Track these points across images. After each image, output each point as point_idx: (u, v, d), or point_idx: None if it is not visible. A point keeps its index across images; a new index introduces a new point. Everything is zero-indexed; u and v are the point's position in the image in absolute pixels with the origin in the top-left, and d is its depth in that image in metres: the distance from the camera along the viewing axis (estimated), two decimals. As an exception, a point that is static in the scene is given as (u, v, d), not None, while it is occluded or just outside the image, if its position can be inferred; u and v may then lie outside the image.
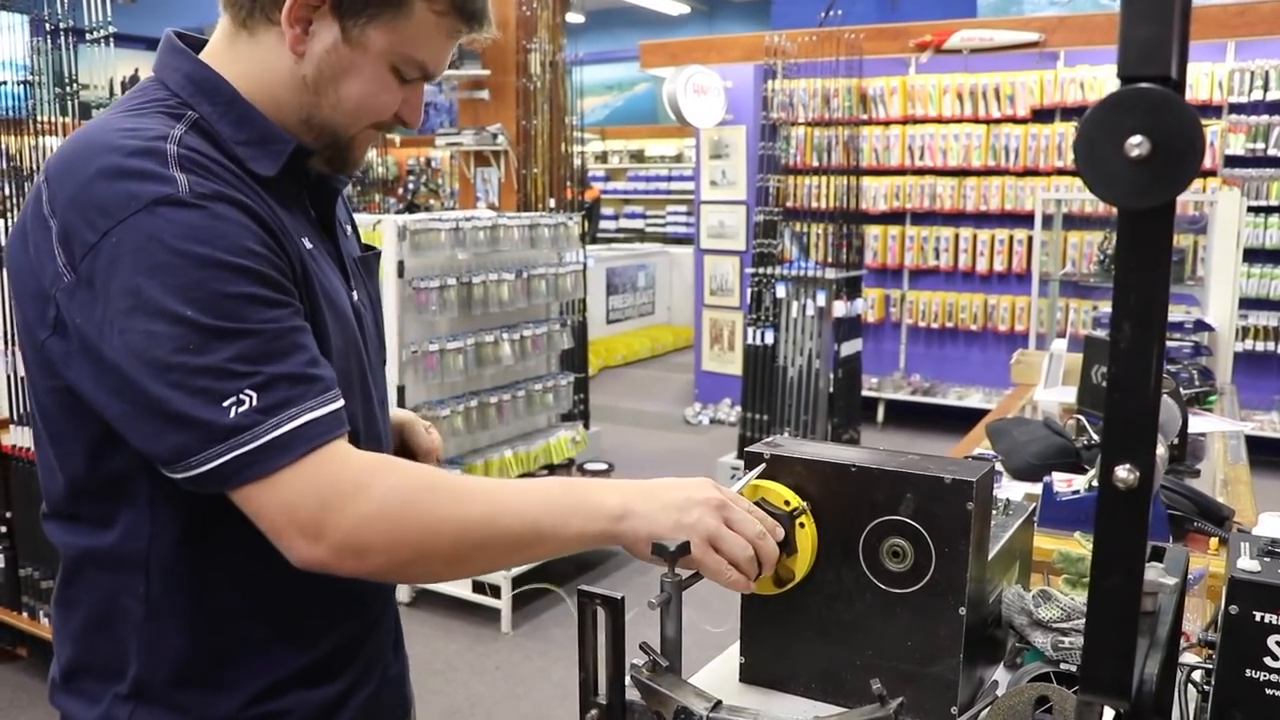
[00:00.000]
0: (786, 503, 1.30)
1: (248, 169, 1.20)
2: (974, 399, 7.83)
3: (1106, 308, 4.60)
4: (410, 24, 1.21)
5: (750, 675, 1.40)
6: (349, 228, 1.47)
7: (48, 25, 3.89)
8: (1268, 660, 1.10)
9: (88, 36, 3.79)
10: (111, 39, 3.85)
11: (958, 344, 8.21)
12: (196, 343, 1.04)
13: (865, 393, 7.75)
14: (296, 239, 1.22)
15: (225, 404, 1.04)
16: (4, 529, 4.21)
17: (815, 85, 6.73)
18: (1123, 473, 0.76)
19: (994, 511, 1.53)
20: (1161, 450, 1.26)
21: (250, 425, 1.05)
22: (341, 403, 1.13)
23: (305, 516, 1.07)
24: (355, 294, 1.36)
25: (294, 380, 1.08)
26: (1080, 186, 7.28)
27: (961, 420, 6.75)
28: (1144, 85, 0.67)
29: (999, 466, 2.51)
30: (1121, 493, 0.76)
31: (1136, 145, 0.67)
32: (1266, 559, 1.15)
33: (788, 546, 1.29)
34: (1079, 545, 1.88)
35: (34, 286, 1.12)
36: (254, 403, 1.05)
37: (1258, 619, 1.09)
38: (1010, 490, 2.43)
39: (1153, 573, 1.07)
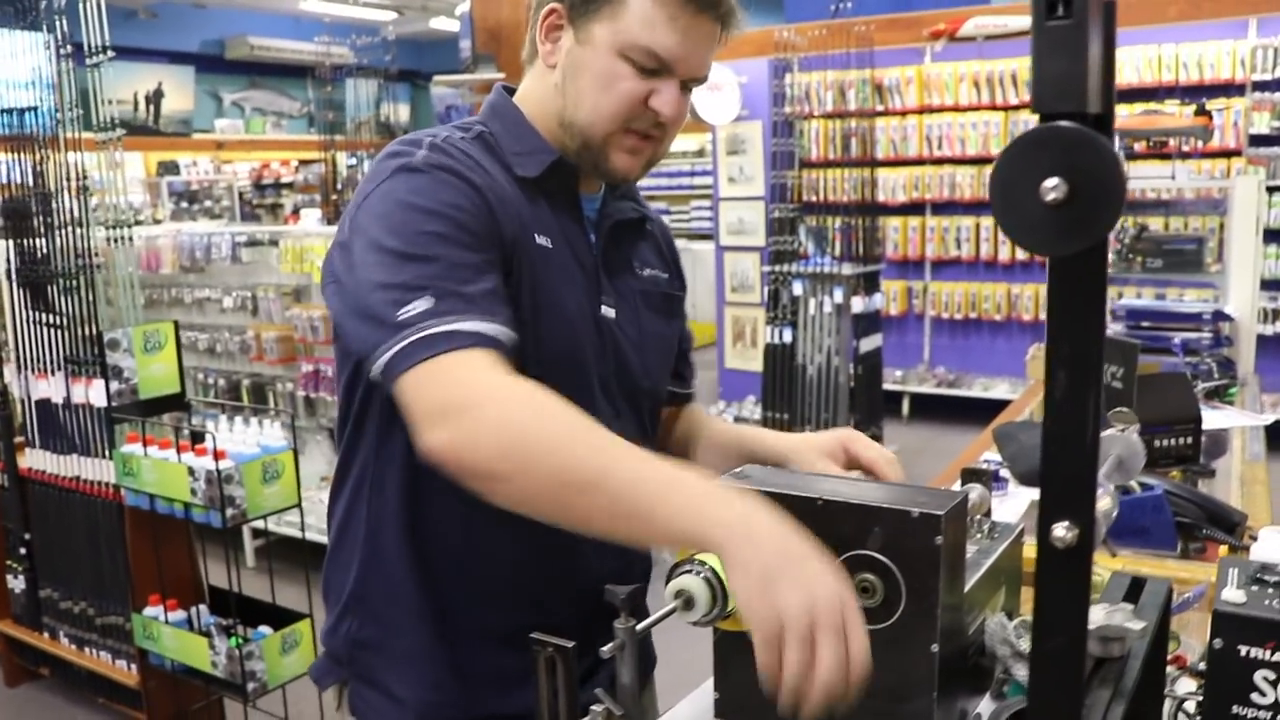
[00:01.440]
0: None
1: (515, 173, 1.42)
2: (999, 390, 7.75)
3: (1126, 300, 4.51)
4: (627, 12, 1.35)
5: (725, 710, 1.36)
6: (651, 271, 1.61)
7: (62, 48, 3.89)
8: (1255, 696, 1.04)
9: (88, 61, 3.77)
10: (111, 55, 3.82)
11: (982, 335, 8.12)
12: (393, 265, 1.25)
13: (889, 386, 7.68)
14: (527, 230, 1.39)
15: (401, 309, 1.22)
16: (24, 550, 4.22)
17: (829, 78, 6.67)
18: (1060, 531, 0.71)
19: (979, 535, 1.49)
20: (1106, 502, 1.20)
21: (412, 324, 1.20)
22: (502, 329, 1.24)
23: (430, 405, 1.19)
24: (606, 309, 1.49)
25: (459, 298, 1.23)
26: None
27: (987, 411, 6.65)
28: (1059, 124, 0.62)
29: (1005, 473, 2.45)
30: (1060, 552, 0.72)
31: (1053, 188, 0.62)
32: (1254, 587, 1.09)
33: None
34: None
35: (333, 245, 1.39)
36: (421, 309, 1.21)
37: (1243, 653, 1.04)
38: (1018, 497, 2.37)
39: (1120, 616, 1.02)
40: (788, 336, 6.31)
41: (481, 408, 1.17)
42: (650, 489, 1.12)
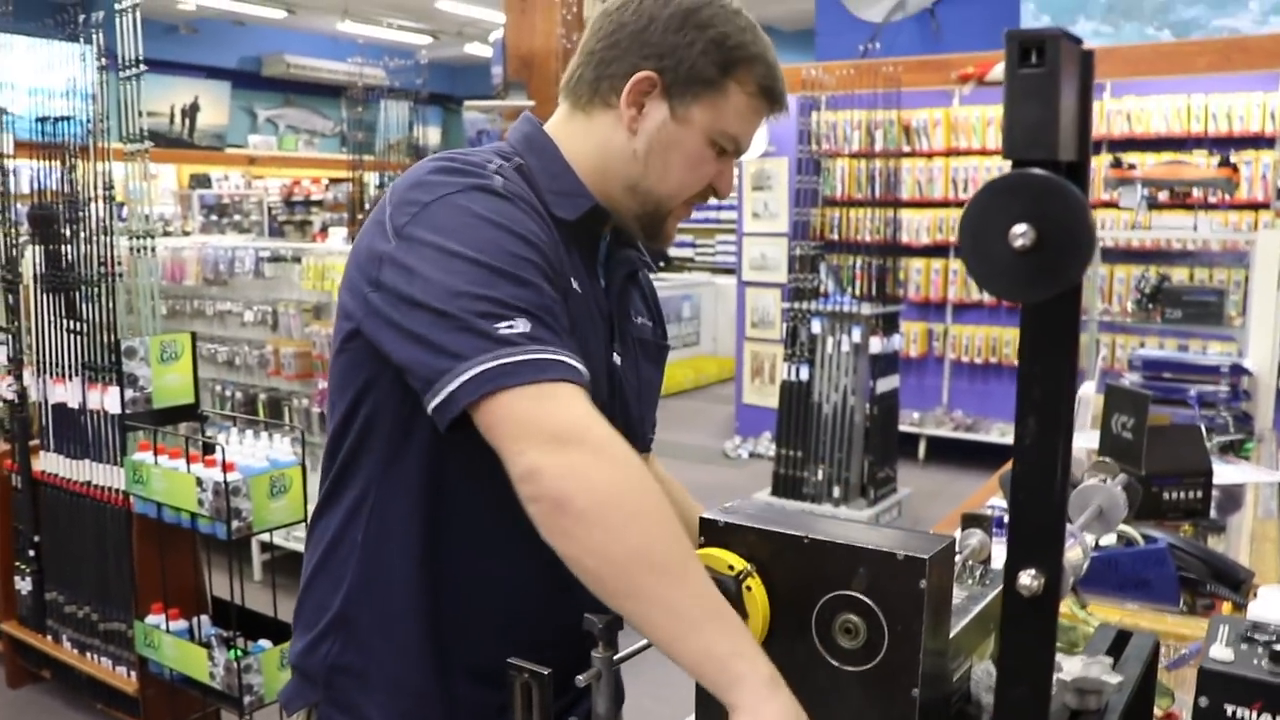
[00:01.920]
0: (730, 567, 1.25)
1: (550, 212, 1.40)
2: (1017, 436, 7.70)
3: (1145, 350, 4.48)
4: (727, 103, 1.40)
5: (707, 748, 1.35)
6: (642, 319, 1.62)
7: (99, 60, 3.95)
8: (1239, 756, 1.03)
9: (122, 73, 3.82)
10: (143, 69, 3.86)
11: (1002, 379, 8.07)
12: (485, 279, 1.20)
13: (906, 428, 7.64)
14: (567, 275, 1.37)
15: (498, 325, 1.17)
16: (33, 552, 4.24)
17: (856, 117, 6.68)
18: (1026, 579, 0.71)
19: (970, 580, 1.47)
20: (1077, 552, 1.19)
21: (516, 342, 1.17)
22: (583, 367, 1.21)
23: (549, 427, 1.14)
24: (616, 356, 1.50)
25: (555, 330, 1.22)
26: (1126, 221, 7.20)
27: (1004, 457, 6.61)
28: (1029, 170, 0.62)
29: (1009, 503, 2.43)
30: (1026, 600, 0.71)
31: (1021, 234, 0.62)
32: (1244, 645, 1.08)
33: (737, 612, 1.24)
34: (1068, 611, 1.81)
35: (364, 256, 1.31)
36: (523, 329, 1.18)
37: (1229, 713, 1.03)
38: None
39: (1098, 668, 1.01)
40: (805, 374, 6.29)
41: (602, 449, 1.16)
42: (708, 607, 1.15)
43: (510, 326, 1.17)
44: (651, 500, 1.16)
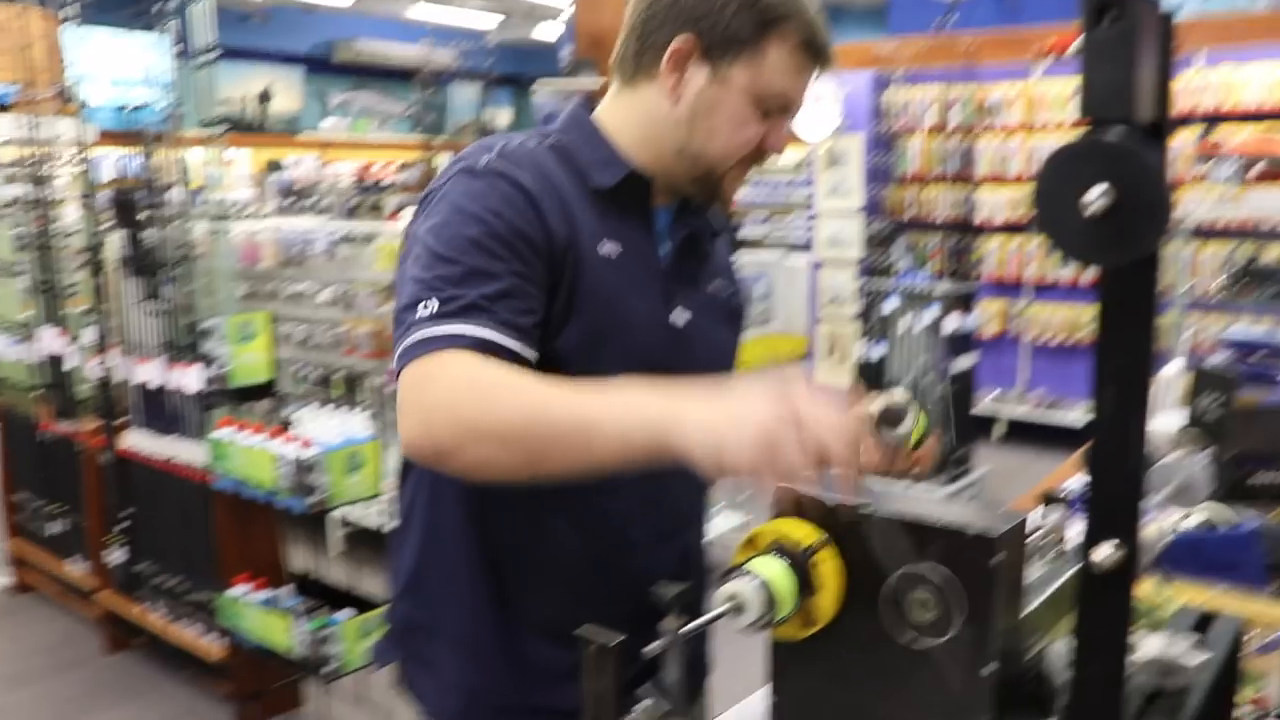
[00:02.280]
0: (802, 539, 1.25)
1: (589, 183, 1.46)
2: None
3: (1236, 327, 4.37)
4: (766, 61, 1.41)
5: (781, 718, 1.34)
6: (718, 282, 1.64)
7: (175, 48, 4.01)
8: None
9: (196, 61, 3.87)
10: (217, 55, 3.91)
11: (1082, 359, 7.93)
12: (426, 262, 1.33)
13: (982, 409, 7.55)
14: (591, 238, 1.42)
15: (418, 307, 1.29)
16: (124, 526, 4.37)
17: (932, 93, 6.58)
18: (1105, 550, 0.70)
19: (1046, 559, 1.45)
20: (1154, 530, 1.16)
21: (419, 324, 1.28)
22: (493, 331, 1.28)
23: (402, 403, 1.26)
24: (676, 317, 1.53)
25: (468, 305, 1.28)
26: (1217, 197, 7.03)
27: (1085, 439, 6.53)
28: (1104, 133, 0.61)
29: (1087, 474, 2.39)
30: (1101, 575, 0.70)
31: (1096, 198, 0.61)
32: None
33: (808, 585, 1.24)
34: (1151, 592, 1.77)
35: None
36: (432, 310, 1.28)
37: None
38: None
39: (1180, 647, 0.98)
40: (879, 353, 6.23)
41: (434, 396, 1.25)
42: (592, 409, 1.20)
43: (425, 308, 1.28)
44: (488, 390, 1.24)
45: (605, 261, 1.44)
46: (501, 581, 1.49)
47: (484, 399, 1.24)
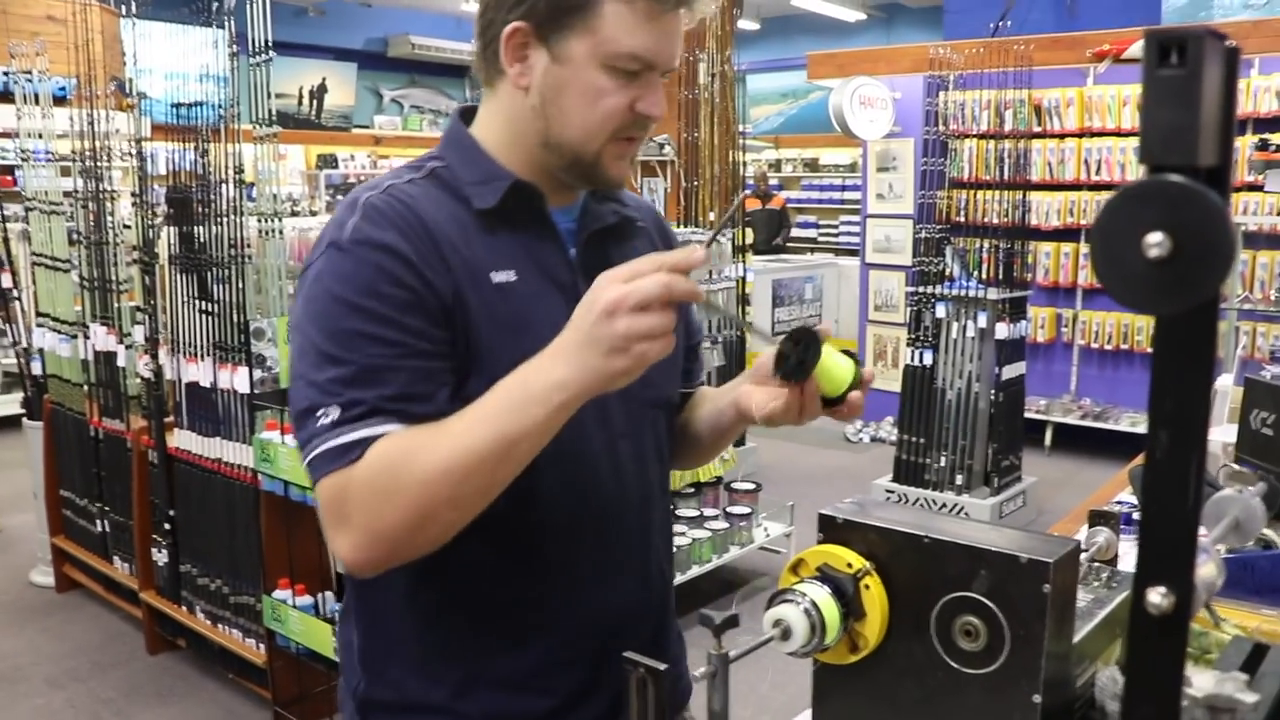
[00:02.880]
0: (849, 564, 1.24)
1: (473, 207, 1.36)
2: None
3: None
4: (603, 22, 1.28)
5: (822, 744, 1.33)
6: None
7: (231, 46, 4.05)
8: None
9: (252, 59, 3.90)
10: (272, 56, 3.94)
11: (1133, 367, 7.84)
12: (315, 362, 1.25)
13: (1032, 415, 7.47)
14: (480, 272, 1.32)
15: (317, 414, 1.23)
16: (168, 526, 4.39)
17: (985, 97, 6.52)
18: (1156, 597, 0.68)
19: (1096, 583, 1.43)
20: (1210, 569, 1.14)
21: (322, 434, 1.22)
22: (398, 423, 1.22)
23: (327, 523, 1.24)
24: None
25: (368, 408, 1.22)
26: (1272, 206, 6.92)
27: (1135, 447, 6.41)
28: (1165, 176, 0.59)
29: (1139, 517, 2.36)
30: (1155, 618, 0.68)
31: (1156, 244, 0.59)
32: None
33: (855, 610, 1.23)
34: (1201, 616, 1.74)
35: None
36: (333, 418, 1.22)
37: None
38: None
39: (1232, 685, 0.97)
40: (928, 359, 6.19)
41: (356, 514, 1.21)
42: (501, 419, 1.18)
43: (324, 415, 1.22)
44: (401, 464, 1.20)
45: (500, 291, 1.34)
46: (454, 647, 1.41)
47: (399, 490, 1.19)
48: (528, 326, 1.33)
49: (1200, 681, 1.01)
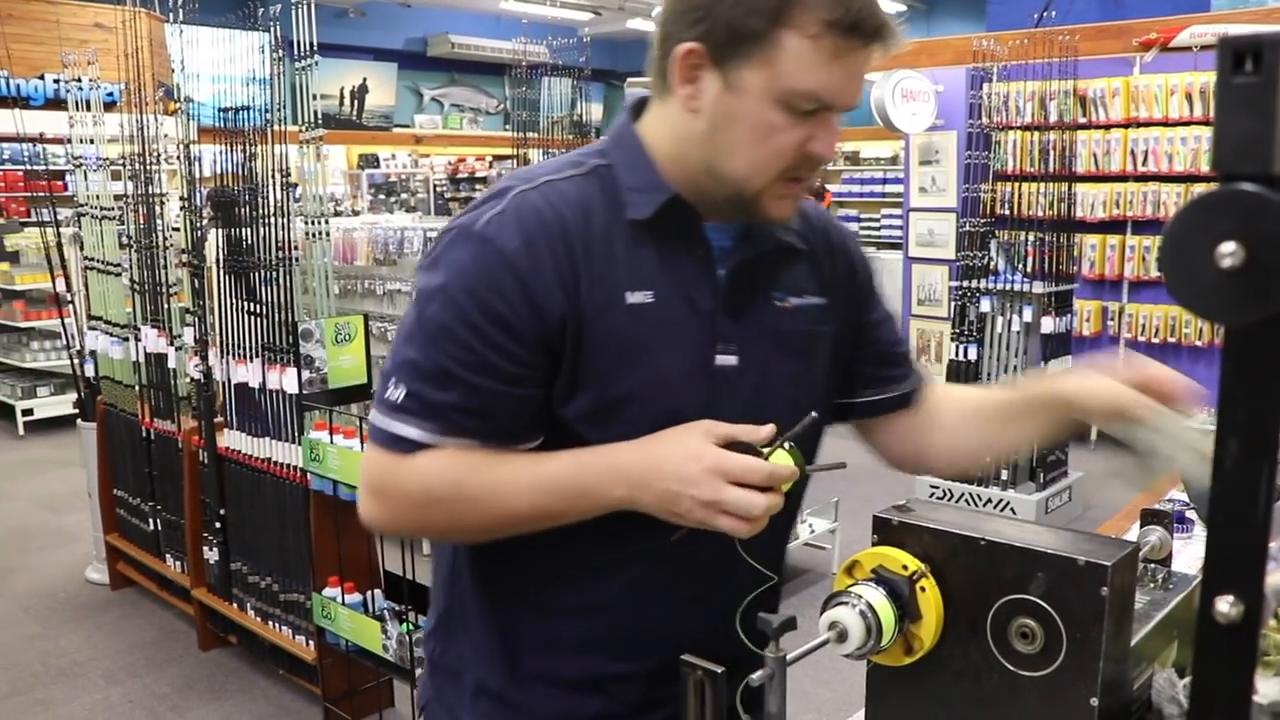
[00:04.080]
0: (905, 566, 1.24)
1: (625, 215, 1.32)
2: (1197, 420, 7.37)
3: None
4: (783, 56, 1.20)
5: (877, 746, 1.33)
6: (795, 300, 1.43)
7: (275, 51, 4.09)
8: None
9: (298, 63, 3.93)
10: (318, 60, 3.97)
11: (1181, 360, 7.75)
12: (405, 336, 1.31)
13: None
14: (612, 292, 1.29)
15: (389, 382, 1.30)
16: (219, 524, 4.45)
17: (1029, 88, 6.47)
18: (1224, 606, 0.68)
19: (1152, 584, 1.42)
20: (1278, 577, 1.13)
21: (385, 407, 1.30)
22: (449, 443, 1.28)
23: (368, 486, 1.33)
24: (722, 357, 1.35)
25: (426, 405, 1.27)
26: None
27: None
28: (1240, 186, 0.59)
29: (1192, 515, 2.34)
30: (1223, 628, 0.68)
31: (1229, 254, 0.59)
32: None
33: (910, 613, 1.23)
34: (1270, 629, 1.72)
35: None
36: (397, 399, 1.28)
37: None
38: (1203, 542, 2.25)
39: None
40: (973, 354, 6.15)
41: (399, 500, 1.31)
42: (550, 499, 1.26)
43: (394, 390, 1.29)
44: (448, 500, 1.29)
45: (632, 312, 1.30)
46: (512, 637, 1.43)
47: (436, 506, 1.29)
48: (650, 350, 1.31)
49: (1265, 688, 1.00)
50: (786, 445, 1.21)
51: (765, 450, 1.21)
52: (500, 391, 1.27)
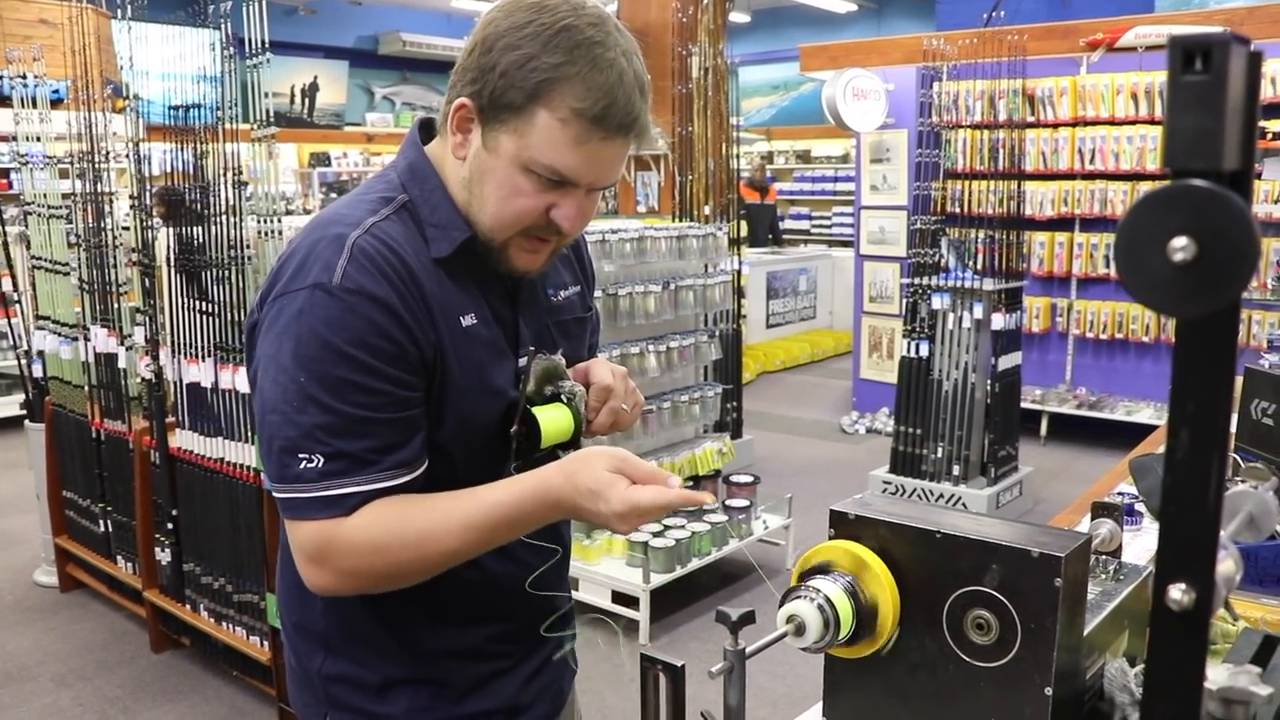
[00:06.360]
0: (861, 560, 1.25)
1: (430, 253, 1.40)
2: (1144, 415, 7.49)
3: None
4: (533, 130, 1.31)
5: (835, 737, 1.35)
6: (563, 292, 1.62)
7: (227, 48, 4.04)
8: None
9: (249, 61, 3.89)
10: (269, 57, 3.93)
11: (1128, 356, 7.86)
12: (299, 404, 1.29)
13: (1028, 405, 7.49)
14: (452, 319, 1.39)
15: (300, 457, 1.29)
16: (171, 525, 4.40)
17: (979, 87, 6.53)
18: (1177, 593, 0.69)
19: (1103, 575, 1.45)
20: (1229, 565, 1.15)
21: (307, 480, 1.29)
22: (388, 482, 1.32)
23: (309, 559, 1.32)
24: (523, 358, 1.49)
25: (353, 459, 1.30)
26: (1267, 193, 6.93)
27: (1130, 436, 6.46)
28: (1191, 181, 0.60)
29: (1141, 507, 2.38)
30: (1176, 615, 0.70)
31: (1181, 248, 0.61)
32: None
33: (865, 607, 1.25)
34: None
35: (256, 304, 1.41)
36: (319, 466, 1.29)
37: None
38: (1152, 534, 2.30)
39: (1245, 679, 0.98)
40: (924, 350, 6.20)
41: (344, 563, 1.32)
42: (495, 533, 1.34)
43: (309, 461, 1.29)
44: (393, 551, 1.32)
45: (468, 335, 1.41)
46: (403, 628, 1.49)
47: (384, 555, 1.31)
48: (486, 367, 1.43)
49: (1214, 675, 1.02)
50: (564, 398, 1.46)
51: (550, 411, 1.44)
52: (415, 417, 1.35)
